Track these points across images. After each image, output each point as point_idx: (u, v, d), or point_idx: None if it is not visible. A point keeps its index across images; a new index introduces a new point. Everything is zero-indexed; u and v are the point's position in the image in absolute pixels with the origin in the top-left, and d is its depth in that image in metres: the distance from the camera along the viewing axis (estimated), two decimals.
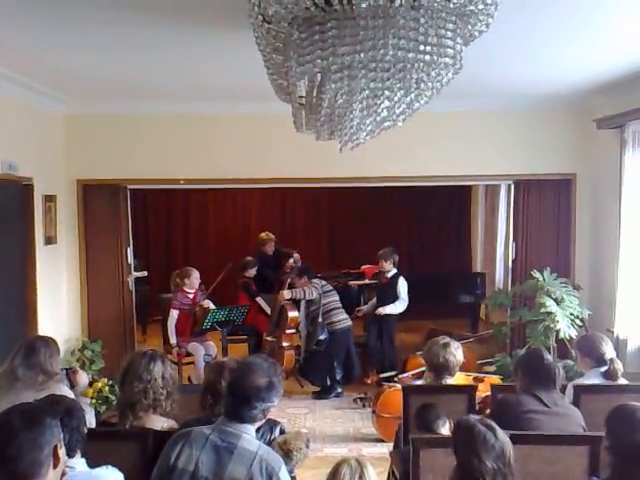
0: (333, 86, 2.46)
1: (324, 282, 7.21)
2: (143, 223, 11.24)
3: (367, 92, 2.47)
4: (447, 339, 4.16)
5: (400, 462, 3.82)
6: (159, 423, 3.16)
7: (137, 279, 8.74)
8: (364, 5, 2.14)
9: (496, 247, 9.81)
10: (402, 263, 10.83)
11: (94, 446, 2.87)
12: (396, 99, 2.58)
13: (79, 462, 2.63)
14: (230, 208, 11.52)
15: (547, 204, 7.25)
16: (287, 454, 3.08)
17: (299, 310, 7.27)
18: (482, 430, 2.43)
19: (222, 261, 10.32)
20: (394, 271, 7.60)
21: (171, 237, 11.58)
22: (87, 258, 7.25)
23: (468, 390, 4.09)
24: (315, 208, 11.34)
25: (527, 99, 6.84)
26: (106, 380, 4.11)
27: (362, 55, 2.25)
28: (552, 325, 6.44)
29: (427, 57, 2.27)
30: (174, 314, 6.97)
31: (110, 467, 2.69)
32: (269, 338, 7.33)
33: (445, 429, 3.68)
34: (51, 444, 2.02)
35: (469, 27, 2.48)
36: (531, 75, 5.91)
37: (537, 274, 6.73)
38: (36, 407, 2.15)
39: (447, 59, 2.33)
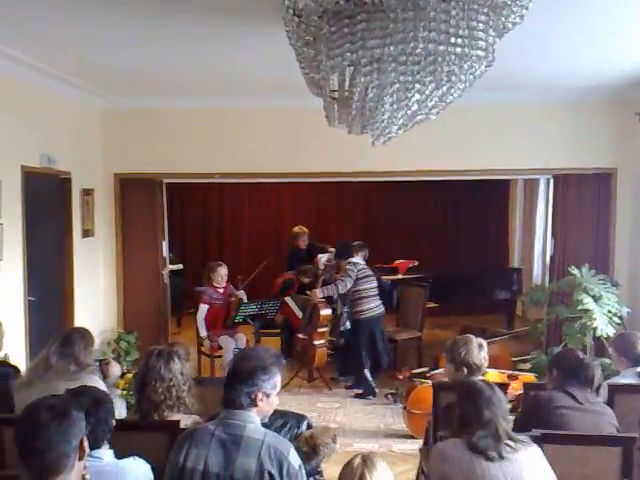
0: (363, 80, 2.43)
1: (361, 265, 6.91)
2: (179, 217, 11.36)
3: (397, 85, 2.44)
4: (469, 337, 4.08)
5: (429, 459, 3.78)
6: (183, 421, 3.16)
7: (173, 272, 8.85)
8: None
9: (534, 243, 9.66)
10: (437, 258, 10.82)
11: (123, 437, 2.90)
12: (427, 92, 2.54)
13: (106, 453, 2.65)
14: (264, 202, 11.56)
15: (587, 199, 7.11)
16: (314, 449, 3.08)
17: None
18: (479, 384, 2.82)
19: (256, 254, 10.43)
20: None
21: (206, 231, 11.67)
22: (123, 251, 7.37)
23: (499, 387, 4.00)
24: (349, 202, 11.28)
25: (567, 91, 6.71)
26: None
27: (392, 48, 2.22)
28: (589, 323, 6.33)
29: (458, 50, 2.23)
30: (203, 308, 7.00)
31: (137, 458, 2.71)
32: (301, 335, 7.32)
33: None
34: (78, 437, 2.04)
35: (502, 19, 2.42)
36: (571, 67, 5.80)
37: (575, 270, 6.61)
38: (62, 400, 2.17)
39: (479, 51, 2.29)
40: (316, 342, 7.13)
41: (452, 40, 2.22)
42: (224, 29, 4.50)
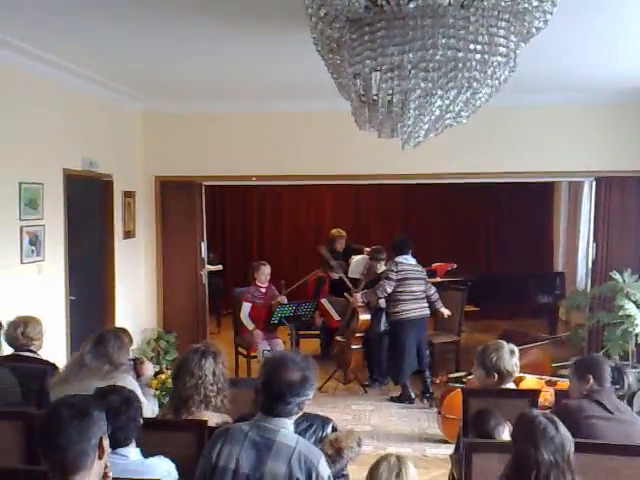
0: (384, 86, 2.44)
1: (405, 265, 6.71)
2: (220, 219, 11.52)
3: (419, 92, 2.44)
4: (500, 342, 4.03)
5: (457, 465, 3.76)
6: (213, 419, 3.21)
7: (213, 273, 8.98)
8: (412, 5, 2.11)
9: (578, 246, 9.47)
10: (480, 261, 10.69)
11: (151, 436, 2.97)
12: (450, 98, 2.53)
13: (133, 451, 2.72)
14: (304, 204, 11.61)
15: (630, 202, 6.98)
16: (338, 452, 3.09)
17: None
18: (543, 422, 2.41)
19: (295, 256, 10.49)
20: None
21: (246, 232, 11.79)
22: (163, 252, 7.52)
23: (530, 394, 3.96)
24: (388, 203, 11.23)
25: (609, 93, 6.59)
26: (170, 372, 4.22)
27: (411, 55, 2.23)
28: (631, 329, 6.20)
29: (478, 56, 2.22)
30: (246, 305, 7.04)
31: (163, 457, 2.77)
32: (339, 338, 7.33)
33: (506, 434, 3.58)
34: (97, 436, 2.10)
35: (525, 24, 2.40)
36: (612, 69, 5.70)
37: (617, 275, 6.49)
38: (84, 400, 2.24)
39: (499, 57, 2.27)
40: (353, 346, 7.14)
41: (471, 47, 2.21)
42: (262, 34, 4.57)
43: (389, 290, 6.63)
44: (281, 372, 2.65)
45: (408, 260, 6.76)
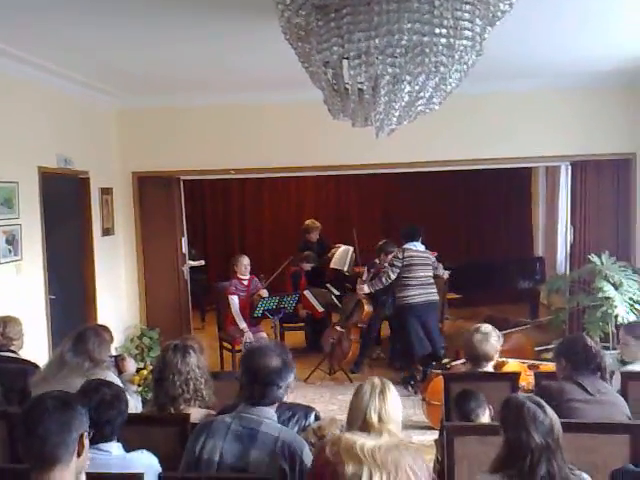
0: (352, 72, 2.44)
1: (412, 252, 6.80)
2: (200, 213, 11.47)
3: (387, 78, 2.44)
4: (479, 326, 4.08)
5: (442, 450, 3.79)
6: (197, 414, 3.22)
7: (195, 268, 8.96)
8: None
9: (557, 231, 9.54)
10: (460, 249, 10.74)
11: (134, 431, 2.97)
12: (419, 83, 2.54)
13: (114, 446, 2.72)
14: (284, 196, 11.59)
15: (606, 185, 7.03)
16: (321, 440, 3.11)
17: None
18: (532, 407, 2.45)
19: (277, 248, 10.47)
20: None
21: (228, 226, 11.75)
22: (143, 248, 7.49)
23: (511, 377, 4.00)
24: (369, 192, 11.25)
25: (582, 77, 6.63)
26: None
27: (377, 41, 2.23)
28: (610, 310, 6.26)
29: (443, 40, 2.23)
30: (235, 299, 7.02)
31: (145, 451, 2.77)
32: (339, 328, 7.34)
33: (485, 417, 3.61)
34: (79, 431, 2.10)
35: (491, 8, 2.41)
36: (584, 52, 5.73)
37: (595, 258, 6.55)
38: (68, 394, 2.25)
39: (465, 41, 2.28)
40: (353, 336, 7.17)
41: (437, 31, 2.22)
42: (230, 27, 4.55)
43: (393, 277, 6.73)
44: (262, 360, 2.69)
45: (416, 247, 6.88)
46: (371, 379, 2.75)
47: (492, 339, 3.98)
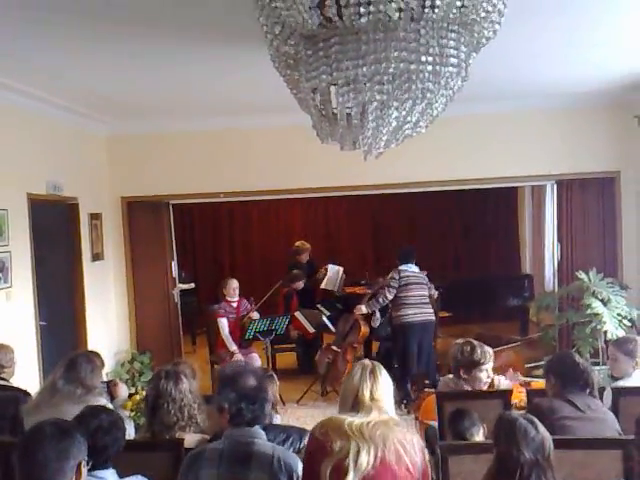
0: (341, 99, 2.50)
1: (408, 272, 6.92)
2: (190, 237, 11.49)
3: (375, 104, 2.50)
4: (457, 342, 4.17)
5: (435, 468, 3.80)
6: (192, 439, 3.20)
7: (185, 291, 8.95)
8: (364, 20, 2.18)
9: (544, 248, 9.63)
10: (449, 267, 10.80)
11: (128, 457, 2.95)
12: (406, 109, 2.60)
13: (108, 472, 2.71)
14: (273, 219, 11.63)
15: (591, 203, 7.13)
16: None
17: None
18: (523, 423, 2.48)
19: (267, 270, 10.48)
20: None
21: (217, 249, 11.76)
22: (133, 272, 7.48)
23: (502, 395, 4.03)
24: (358, 214, 11.32)
25: (566, 97, 6.75)
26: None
27: (365, 69, 2.29)
28: (599, 327, 6.32)
29: (430, 67, 2.29)
30: (224, 322, 6.99)
31: (140, 477, 2.77)
32: (334, 347, 7.33)
33: (479, 436, 3.63)
34: (77, 458, 2.11)
35: (475, 34, 2.48)
36: (567, 74, 5.86)
37: (582, 275, 6.61)
38: (67, 422, 2.26)
39: (451, 68, 2.34)
40: (349, 357, 7.17)
41: (423, 58, 2.28)
42: (216, 53, 4.62)
43: (390, 297, 6.85)
44: (244, 381, 2.71)
45: (410, 268, 7.00)
46: (361, 361, 2.82)
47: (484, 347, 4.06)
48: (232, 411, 2.69)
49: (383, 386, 2.71)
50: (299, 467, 2.62)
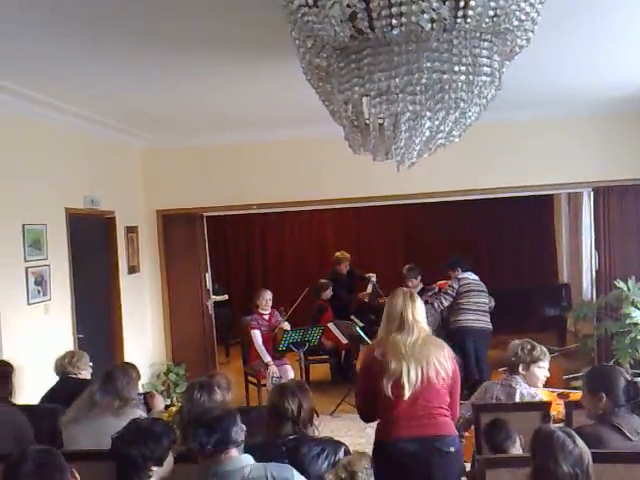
0: (373, 110, 2.50)
1: (469, 280, 7.04)
2: (223, 249, 11.57)
3: (408, 114, 2.49)
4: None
5: None
6: None
7: (219, 303, 9.01)
8: (396, 32, 2.18)
9: (581, 257, 9.48)
10: (484, 278, 10.66)
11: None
12: (439, 119, 2.59)
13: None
14: (306, 229, 11.66)
15: (629, 210, 7.03)
16: (352, 475, 3.08)
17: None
18: (561, 436, 2.42)
19: (299, 282, 10.48)
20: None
21: (250, 260, 11.83)
22: (169, 285, 7.57)
23: (541, 407, 3.95)
24: (390, 224, 11.28)
25: (603, 103, 6.68)
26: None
27: (397, 80, 2.29)
28: (639, 336, 6.18)
29: (462, 77, 2.28)
30: (257, 333, 6.99)
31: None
32: None
33: (516, 448, 3.56)
34: None
35: (508, 43, 2.46)
36: (607, 79, 5.78)
37: (621, 284, 6.50)
38: (50, 451, 2.32)
39: (484, 77, 2.33)
40: None
41: (456, 68, 2.27)
42: (254, 66, 4.67)
43: (445, 304, 7.00)
44: (201, 416, 2.76)
45: (472, 276, 7.14)
46: (399, 288, 3.46)
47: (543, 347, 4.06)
48: (197, 445, 2.67)
49: (420, 307, 3.39)
50: (295, 476, 2.66)
